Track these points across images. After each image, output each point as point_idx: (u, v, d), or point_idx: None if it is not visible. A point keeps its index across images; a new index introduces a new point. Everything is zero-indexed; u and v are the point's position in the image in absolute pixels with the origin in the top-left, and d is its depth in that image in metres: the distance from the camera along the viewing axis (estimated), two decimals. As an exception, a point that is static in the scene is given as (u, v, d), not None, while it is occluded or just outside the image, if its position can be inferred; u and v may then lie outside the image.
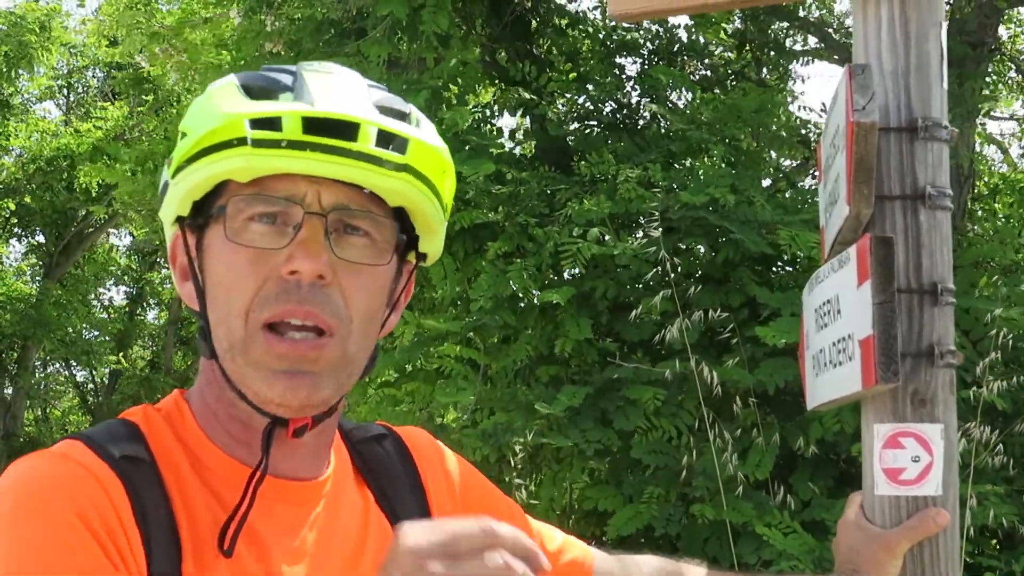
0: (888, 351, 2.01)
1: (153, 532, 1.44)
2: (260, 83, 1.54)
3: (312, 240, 1.49)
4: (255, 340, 1.50)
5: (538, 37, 8.82)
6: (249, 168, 1.48)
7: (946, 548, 2.14)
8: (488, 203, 6.97)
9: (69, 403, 29.95)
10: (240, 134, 1.47)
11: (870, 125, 2.03)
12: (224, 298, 1.52)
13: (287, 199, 1.50)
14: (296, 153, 1.46)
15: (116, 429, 1.55)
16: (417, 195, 1.56)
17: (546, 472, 7.17)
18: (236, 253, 1.51)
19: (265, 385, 1.51)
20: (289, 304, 1.49)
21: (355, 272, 1.54)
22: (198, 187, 1.53)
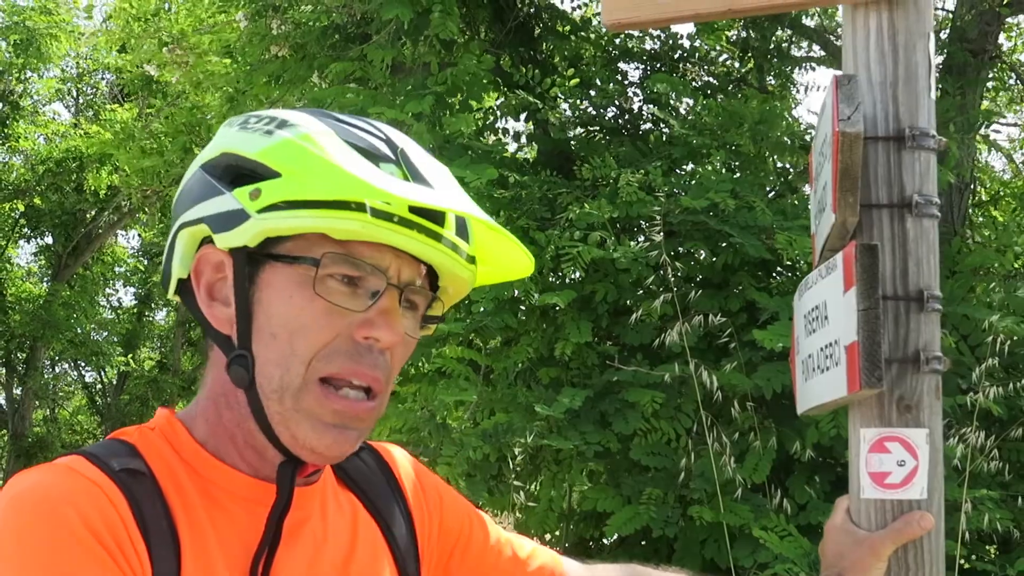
0: (872, 357, 2.04)
1: (155, 544, 1.47)
2: (364, 144, 1.57)
3: (392, 312, 1.56)
4: (311, 390, 1.54)
5: (541, 43, 8.85)
6: (363, 233, 1.51)
7: (931, 551, 2.17)
8: (490, 207, 6.99)
9: (78, 404, 29.98)
10: (361, 199, 1.50)
11: (855, 135, 2.06)
12: (287, 340, 1.54)
13: (374, 267, 1.55)
14: (404, 231, 1.52)
15: (112, 446, 1.58)
16: (471, 280, 1.67)
17: (546, 473, 7.19)
18: (314, 302, 1.54)
19: (314, 434, 1.55)
20: (360, 366, 1.55)
21: (404, 344, 1.62)
22: (292, 229, 1.53)
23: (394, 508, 1.83)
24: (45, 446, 24.03)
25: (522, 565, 2.01)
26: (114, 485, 1.48)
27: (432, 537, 1.88)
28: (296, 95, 8.55)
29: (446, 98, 7.42)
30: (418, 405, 7.42)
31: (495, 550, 1.99)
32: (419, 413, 7.05)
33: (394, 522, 1.81)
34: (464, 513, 1.98)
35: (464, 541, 1.94)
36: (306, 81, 8.54)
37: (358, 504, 1.79)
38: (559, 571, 2.06)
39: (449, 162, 6.79)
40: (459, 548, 1.93)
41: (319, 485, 1.71)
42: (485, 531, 2.00)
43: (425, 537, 1.86)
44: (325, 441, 1.55)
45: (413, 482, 1.90)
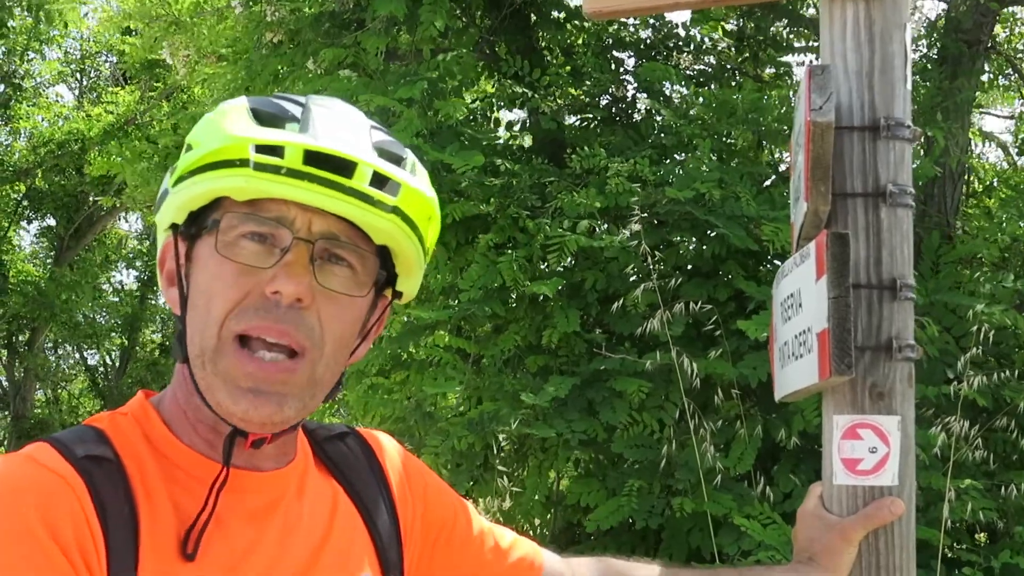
0: (842, 344, 2.06)
1: (112, 530, 1.48)
2: (270, 110, 1.60)
3: (297, 264, 1.56)
4: (226, 351, 1.56)
5: (536, 31, 8.85)
6: (247, 189, 1.54)
7: (901, 537, 2.19)
8: (480, 195, 7.00)
9: (80, 385, 29.96)
10: (244, 156, 1.53)
11: (826, 124, 2.08)
12: (204, 306, 1.57)
13: (277, 221, 1.56)
14: (294, 182, 1.53)
15: (81, 432, 1.59)
16: (403, 237, 1.63)
17: (532, 461, 7.20)
18: (223, 265, 1.57)
19: (230, 399, 1.56)
20: (266, 321, 1.55)
21: (333, 300, 1.60)
22: (196, 199, 1.59)
23: (377, 495, 1.83)
24: (46, 427, 23.98)
25: (503, 555, 2.04)
26: (76, 473, 1.49)
27: (416, 525, 1.88)
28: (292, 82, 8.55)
29: (438, 84, 7.42)
30: (404, 395, 7.44)
31: (478, 540, 2.01)
32: (406, 403, 7.07)
33: (376, 509, 1.81)
34: (449, 502, 1.99)
35: (448, 530, 1.95)
36: (302, 68, 8.54)
37: (339, 490, 1.79)
38: (538, 562, 2.08)
39: (440, 149, 6.80)
40: (443, 537, 1.94)
41: (295, 468, 1.72)
42: (469, 521, 2.01)
43: (408, 525, 1.86)
44: (241, 406, 1.55)
45: (398, 470, 1.91)
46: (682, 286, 6.37)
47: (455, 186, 6.97)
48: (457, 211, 6.80)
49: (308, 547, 1.67)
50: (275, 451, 1.68)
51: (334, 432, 1.88)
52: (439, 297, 7.42)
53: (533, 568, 2.07)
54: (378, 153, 1.60)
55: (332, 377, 1.65)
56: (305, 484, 1.73)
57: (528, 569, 2.06)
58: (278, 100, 1.63)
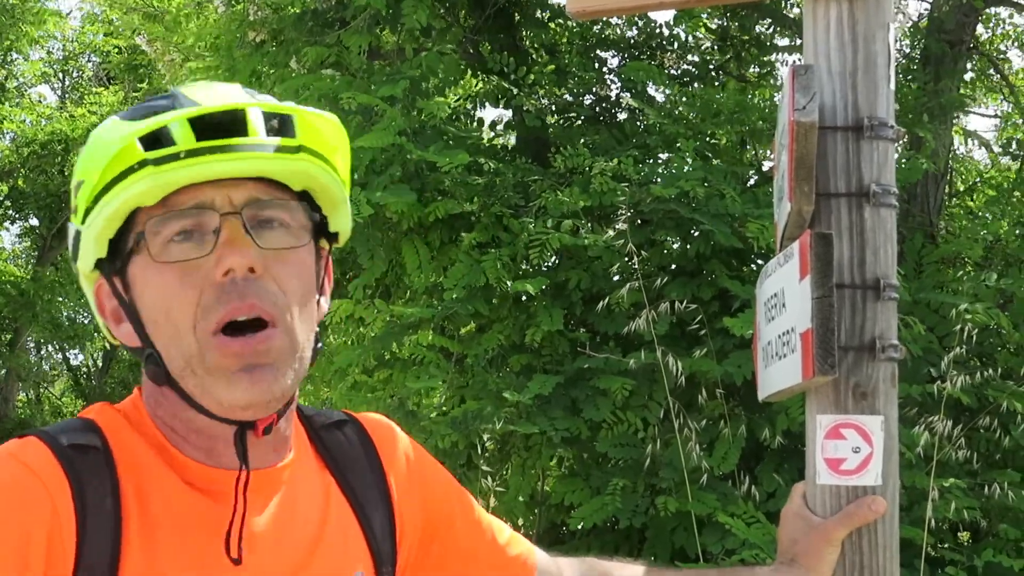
0: (826, 344, 2.06)
1: (91, 519, 1.48)
2: (142, 112, 1.57)
3: (235, 238, 1.53)
4: (209, 348, 1.54)
5: (520, 30, 8.85)
6: (155, 187, 1.51)
7: (885, 537, 2.19)
8: (464, 193, 6.99)
9: (63, 386, 29.88)
10: (138, 158, 1.50)
11: (810, 124, 2.08)
12: (167, 320, 1.55)
13: (197, 207, 1.54)
14: (194, 160, 1.50)
15: (72, 423, 1.60)
16: (317, 172, 1.61)
17: (515, 460, 7.20)
18: (165, 273, 1.54)
19: (229, 389, 1.54)
20: (231, 303, 1.53)
21: (282, 259, 1.58)
22: (111, 221, 1.55)
23: (371, 488, 1.82)
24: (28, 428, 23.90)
25: (501, 550, 2.03)
26: (57, 465, 1.49)
27: (413, 516, 1.87)
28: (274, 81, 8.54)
29: (421, 83, 7.42)
30: (388, 393, 7.43)
31: (478, 531, 2.00)
32: (389, 401, 7.05)
33: (369, 502, 1.80)
34: (450, 492, 1.98)
35: (448, 520, 1.94)
36: (284, 67, 8.53)
37: (332, 483, 1.78)
38: (532, 560, 2.07)
39: (424, 148, 6.79)
40: (442, 528, 1.93)
41: (292, 463, 1.71)
42: (469, 511, 2.00)
43: (404, 517, 1.84)
44: (241, 388, 1.54)
45: (397, 460, 1.89)
46: (666, 285, 6.37)
47: (438, 185, 6.97)
48: (440, 209, 6.79)
49: (304, 544, 1.67)
50: (274, 445, 1.67)
51: (332, 419, 1.87)
52: (422, 296, 7.41)
53: (528, 565, 2.06)
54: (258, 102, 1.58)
55: (309, 340, 1.63)
56: (301, 479, 1.72)
57: (523, 565, 2.05)
58: (148, 102, 1.61)
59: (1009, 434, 6.22)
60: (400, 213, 6.79)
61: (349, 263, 7.88)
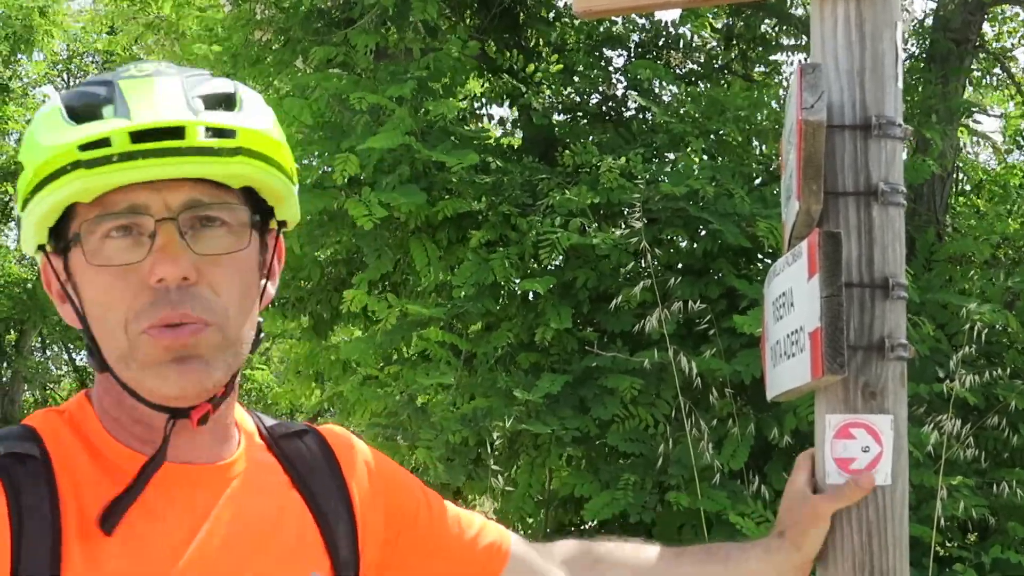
0: (835, 343, 2.06)
1: (27, 526, 1.49)
2: (82, 101, 1.56)
3: (169, 245, 1.53)
4: (140, 342, 1.54)
5: (525, 29, 8.84)
6: (87, 188, 1.51)
7: (894, 536, 2.19)
8: (472, 192, 6.99)
9: (69, 387, 29.90)
10: (72, 158, 1.50)
11: (818, 123, 2.08)
12: (102, 316, 1.57)
13: (130, 211, 1.53)
14: (128, 164, 1.49)
15: (11, 431, 1.61)
16: (256, 173, 1.59)
17: (524, 458, 7.19)
18: (100, 274, 1.55)
19: (159, 379, 1.55)
20: (162, 310, 1.53)
21: (219, 264, 1.58)
22: (46, 216, 1.57)
23: (331, 493, 1.82)
24: (35, 430, 23.93)
25: (470, 544, 2.03)
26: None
27: (375, 520, 1.87)
28: (281, 80, 8.54)
29: (429, 83, 7.41)
30: (398, 389, 7.42)
31: (444, 529, 2.01)
32: (398, 397, 7.05)
33: (329, 507, 1.80)
34: (412, 495, 1.99)
35: (410, 521, 1.95)
36: (290, 66, 8.53)
37: (289, 487, 1.78)
38: (506, 546, 2.07)
39: (432, 147, 6.79)
40: (405, 528, 1.94)
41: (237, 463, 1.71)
42: (433, 511, 2.01)
43: (366, 521, 1.85)
44: (171, 380, 1.55)
45: (357, 467, 1.89)
46: (674, 284, 6.35)
47: (446, 184, 6.97)
48: (448, 208, 6.79)
49: (251, 543, 1.66)
50: (213, 435, 1.67)
51: (292, 430, 1.87)
52: (431, 295, 7.40)
53: (500, 552, 2.06)
54: (205, 103, 1.56)
55: (247, 331, 1.63)
56: (249, 480, 1.72)
57: (495, 553, 2.05)
58: (87, 87, 1.59)
59: (1017, 433, 6.23)
60: (408, 212, 6.79)
61: (356, 262, 7.88)
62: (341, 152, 6.58)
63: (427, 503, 2.01)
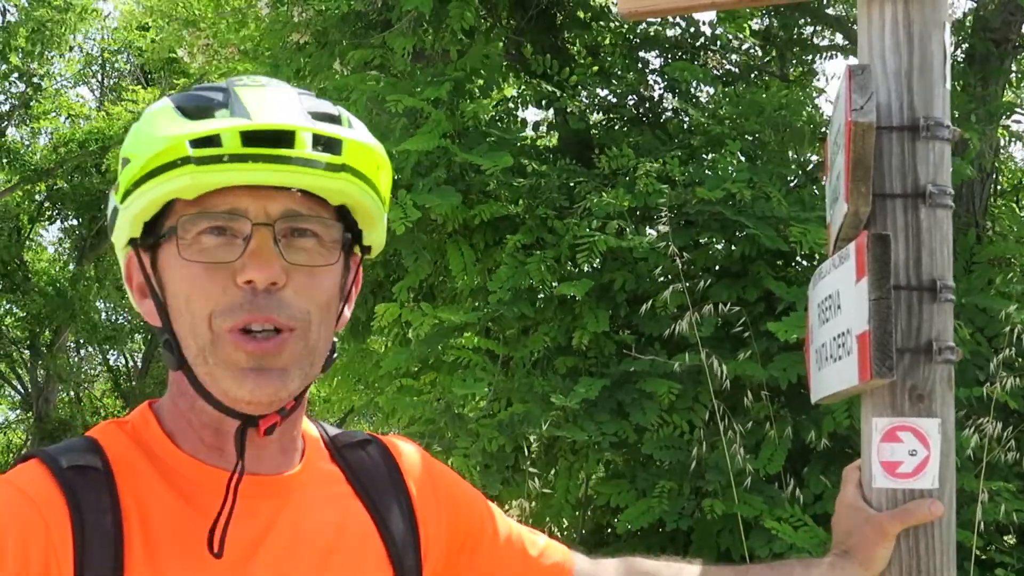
0: (884, 346, 2.04)
1: (89, 540, 1.50)
2: (195, 103, 1.59)
3: (262, 250, 1.56)
4: (223, 341, 1.56)
5: (562, 31, 8.84)
6: (194, 185, 1.53)
7: (941, 542, 2.18)
8: (509, 196, 6.99)
9: (103, 387, 30.07)
10: (183, 154, 1.52)
11: (867, 125, 2.07)
12: (186, 308, 1.58)
13: (230, 213, 1.56)
14: (238, 166, 1.52)
15: (74, 443, 1.62)
16: (357, 192, 1.62)
17: (561, 463, 7.19)
18: (191, 268, 1.57)
19: (235, 383, 1.57)
20: (248, 312, 1.56)
21: (308, 273, 1.60)
22: (147, 209, 1.59)
23: (394, 504, 1.82)
24: (69, 428, 24.08)
25: (535, 561, 2.03)
26: (55, 486, 1.52)
27: (439, 533, 1.87)
28: (318, 83, 8.56)
29: (464, 85, 7.42)
30: (434, 396, 7.43)
31: (508, 546, 2.01)
32: (435, 404, 7.06)
33: (392, 518, 1.80)
34: (477, 510, 1.99)
35: (475, 538, 1.95)
36: (328, 69, 8.55)
37: (353, 498, 1.79)
38: (568, 566, 2.07)
39: (467, 150, 6.79)
40: (469, 544, 1.94)
41: (301, 474, 1.72)
42: (497, 528, 2.01)
43: (429, 534, 1.85)
44: (247, 387, 1.56)
45: (420, 478, 1.90)
46: (711, 287, 6.34)
47: (483, 187, 6.97)
48: (486, 212, 6.79)
49: (315, 554, 1.67)
50: (279, 447, 1.70)
51: (355, 439, 1.88)
52: (467, 299, 7.41)
53: (564, 571, 2.06)
54: (313, 117, 1.59)
55: (325, 343, 1.65)
56: (313, 490, 1.73)
57: (560, 572, 2.05)
58: (201, 91, 1.63)
59: (1058, 436, 6.17)
60: (445, 215, 6.80)
61: (393, 265, 7.89)
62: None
63: (492, 519, 2.01)
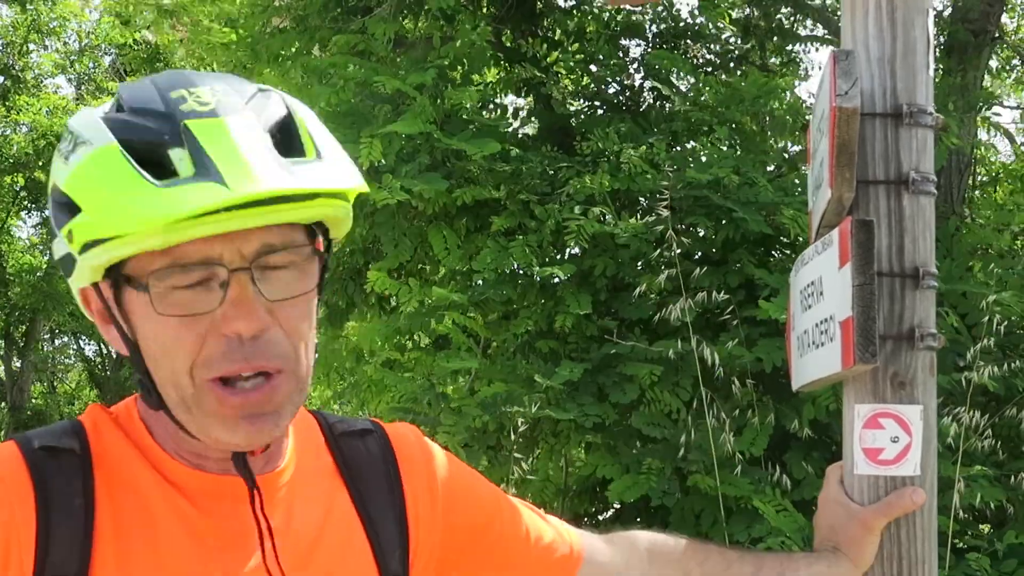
0: (867, 332, 2.05)
1: (55, 521, 1.48)
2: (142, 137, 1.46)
3: (243, 298, 1.48)
4: (206, 394, 1.50)
5: (543, 18, 8.82)
6: (166, 241, 1.43)
7: (923, 527, 2.19)
8: (491, 180, 6.97)
9: (78, 377, 30.00)
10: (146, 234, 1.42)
11: (852, 110, 2.07)
12: (164, 359, 1.51)
13: (204, 263, 1.47)
14: (212, 218, 1.41)
15: (57, 426, 1.60)
16: (332, 211, 1.55)
17: (543, 446, 7.18)
18: (165, 320, 1.48)
19: (227, 432, 1.52)
20: (235, 362, 1.49)
21: (290, 305, 1.53)
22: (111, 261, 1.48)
23: (385, 501, 1.78)
24: (44, 418, 24.08)
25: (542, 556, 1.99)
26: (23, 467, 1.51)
27: (431, 532, 1.83)
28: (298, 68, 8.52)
29: (448, 72, 7.40)
30: (418, 374, 7.41)
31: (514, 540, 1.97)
32: (419, 382, 7.03)
33: (380, 515, 1.76)
34: (479, 504, 1.94)
35: (478, 533, 1.91)
36: (308, 54, 8.51)
37: (342, 492, 1.75)
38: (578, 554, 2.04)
39: (451, 136, 6.77)
40: (474, 541, 1.91)
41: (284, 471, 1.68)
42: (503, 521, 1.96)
43: (420, 532, 1.81)
44: (239, 435, 1.52)
45: (418, 473, 1.85)
46: (697, 273, 6.32)
47: (465, 173, 6.95)
48: (468, 195, 6.77)
49: (296, 552, 1.64)
50: (262, 457, 1.65)
51: (355, 428, 1.83)
52: (450, 283, 7.39)
53: (573, 558, 2.02)
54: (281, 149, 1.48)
55: (312, 360, 1.60)
56: (302, 486, 1.70)
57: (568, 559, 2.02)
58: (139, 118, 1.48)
59: (1035, 424, 6.19)
60: (427, 200, 6.77)
61: (373, 252, 7.86)
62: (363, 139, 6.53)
63: (499, 511, 1.96)
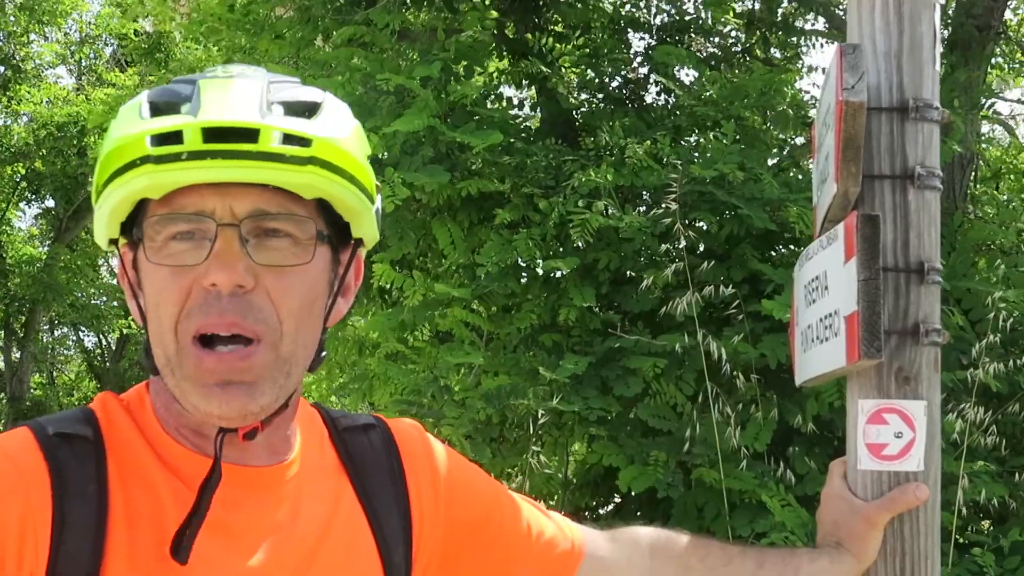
0: (872, 327, 2.04)
1: (70, 506, 1.48)
2: (165, 97, 1.54)
3: (227, 251, 1.50)
4: (187, 354, 1.52)
5: (547, 10, 8.80)
6: (154, 185, 1.48)
7: (926, 523, 2.18)
8: (495, 173, 6.95)
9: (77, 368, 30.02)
10: (142, 152, 1.48)
11: (859, 104, 2.06)
12: (155, 315, 1.54)
13: (196, 214, 1.51)
14: (196, 163, 1.46)
15: (69, 412, 1.60)
16: (330, 185, 1.55)
17: (547, 439, 7.18)
18: (159, 271, 1.53)
19: (203, 400, 1.53)
20: (211, 316, 1.51)
21: (280, 274, 1.54)
22: (117, 210, 1.55)
23: (389, 495, 1.79)
24: (43, 409, 24.12)
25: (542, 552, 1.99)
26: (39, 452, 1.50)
27: (434, 527, 1.83)
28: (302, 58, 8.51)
29: (451, 65, 7.38)
30: (421, 367, 7.40)
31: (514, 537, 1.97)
32: (422, 375, 7.03)
33: (384, 510, 1.76)
34: (481, 501, 1.94)
35: (478, 529, 1.91)
36: (311, 45, 8.49)
37: (347, 488, 1.75)
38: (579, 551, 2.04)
39: (454, 128, 6.76)
40: (474, 536, 1.90)
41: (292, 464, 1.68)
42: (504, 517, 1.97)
43: (423, 528, 1.81)
44: (214, 403, 1.52)
45: (421, 468, 1.85)
46: (701, 268, 6.31)
47: (468, 166, 6.94)
48: (472, 187, 6.75)
49: (303, 548, 1.64)
50: (267, 445, 1.65)
51: (358, 423, 1.84)
52: (454, 275, 7.37)
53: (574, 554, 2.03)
54: (285, 110, 1.53)
55: (305, 348, 1.59)
56: (308, 480, 1.70)
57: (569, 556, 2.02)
58: (174, 85, 1.57)
59: (1040, 421, 6.20)
60: (430, 193, 6.76)
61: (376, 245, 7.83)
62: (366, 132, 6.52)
63: (499, 506, 1.96)
